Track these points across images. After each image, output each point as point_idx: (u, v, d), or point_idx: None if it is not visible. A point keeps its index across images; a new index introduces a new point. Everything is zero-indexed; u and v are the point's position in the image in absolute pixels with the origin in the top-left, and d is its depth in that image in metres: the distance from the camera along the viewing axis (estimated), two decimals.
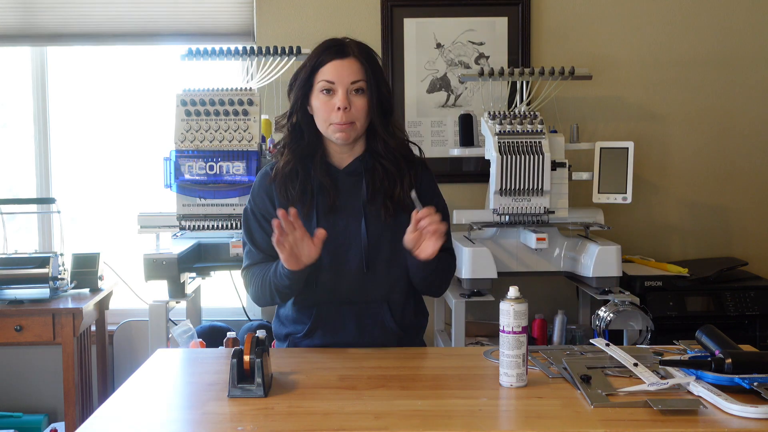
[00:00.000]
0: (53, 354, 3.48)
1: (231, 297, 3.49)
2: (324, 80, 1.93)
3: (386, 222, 1.97)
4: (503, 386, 1.64)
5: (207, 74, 3.30)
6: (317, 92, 1.95)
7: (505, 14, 3.43)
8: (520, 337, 1.63)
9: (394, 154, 2.00)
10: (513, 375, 1.63)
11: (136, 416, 1.53)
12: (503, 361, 1.64)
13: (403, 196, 1.98)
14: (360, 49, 1.97)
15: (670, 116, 3.50)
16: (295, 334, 2.04)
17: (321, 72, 1.94)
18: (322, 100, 1.94)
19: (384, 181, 1.99)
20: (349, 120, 1.93)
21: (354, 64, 1.94)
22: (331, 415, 1.50)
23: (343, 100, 1.92)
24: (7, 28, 3.49)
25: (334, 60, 1.93)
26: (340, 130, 1.94)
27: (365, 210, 1.98)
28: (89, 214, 3.74)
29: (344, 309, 1.99)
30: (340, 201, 1.99)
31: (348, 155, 2.03)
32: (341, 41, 1.98)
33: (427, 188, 2.04)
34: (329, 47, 1.96)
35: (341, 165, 2.03)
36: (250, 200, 2.06)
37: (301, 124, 2.00)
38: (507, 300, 1.65)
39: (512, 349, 1.63)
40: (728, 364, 1.59)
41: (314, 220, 1.97)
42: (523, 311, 1.64)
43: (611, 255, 2.80)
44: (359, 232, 1.98)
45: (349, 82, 1.93)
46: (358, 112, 1.94)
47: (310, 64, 1.96)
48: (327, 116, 1.94)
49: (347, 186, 2.01)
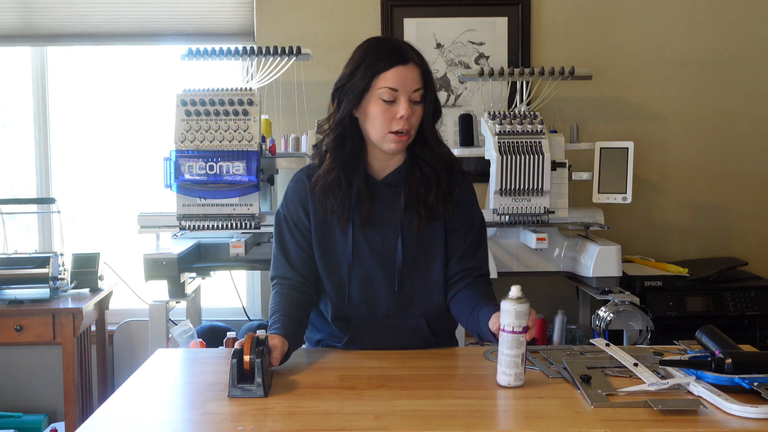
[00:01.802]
0: (53, 354, 3.48)
1: (231, 297, 3.49)
2: (387, 87, 1.82)
3: (418, 230, 1.91)
4: (500, 384, 1.64)
5: (207, 74, 3.30)
6: (376, 98, 1.83)
7: (505, 14, 3.43)
8: (520, 337, 1.61)
9: (439, 161, 1.92)
10: (511, 374, 1.62)
11: (136, 416, 1.53)
12: (501, 360, 1.63)
13: (436, 203, 1.91)
14: (417, 53, 1.87)
15: (670, 116, 3.50)
16: (328, 340, 1.99)
17: (382, 78, 1.82)
18: (383, 107, 1.83)
19: (420, 187, 1.91)
20: (408, 128, 1.84)
21: (415, 70, 1.84)
22: (331, 415, 1.50)
23: (406, 108, 1.82)
24: (7, 28, 3.49)
25: (397, 66, 1.82)
26: (398, 140, 1.85)
27: (402, 226, 1.92)
28: (89, 214, 3.74)
29: (383, 323, 1.94)
30: (376, 213, 1.91)
31: (389, 164, 1.94)
32: (400, 45, 1.87)
33: (465, 199, 1.97)
34: (391, 52, 1.84)
35: (380, 175, 1.94)
36: (284, 205, 1.98)
37: (347, 131, 1.89)
38: (509, 299, 1.63)
39: (512, 349, 1.61)
40: (728, 364, 1.59)
41: (350, 234, 1.90)
42: (524, 311, 1.61)
43: (611, 255, 2.80)
44: (396, 247, 1.91)
45: (411, 90, 1.83)
46: (417, 120, 1.86)
47: (371, 69, 1.83)
48: (386, 124, 1.83)
49: (385, 197, 1.93)
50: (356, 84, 1.85)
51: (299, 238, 1.94)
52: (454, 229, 1.95)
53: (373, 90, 1.83)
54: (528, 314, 1.62)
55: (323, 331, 2.01)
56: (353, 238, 1.90)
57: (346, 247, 1.91)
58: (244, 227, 2.91)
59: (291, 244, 1.95)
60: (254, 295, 3.61)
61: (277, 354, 1.71)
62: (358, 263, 1.90)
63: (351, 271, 1.91)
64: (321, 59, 3.35)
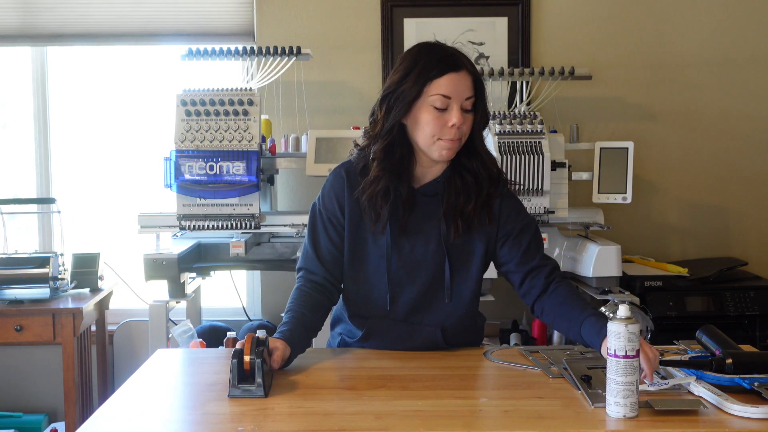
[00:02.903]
0: (53, 354, 3.48)
1: (231, 297, 3.49)
2: (440, 94, 1.78)
3: (454, 240, 1.89)
4: (611, 417, 1.47)
5: (207, 74, 3.31)
6: (428, 105, 1.79)
7: (505, 14, 3.43)
8: (634, 362, 1.45)
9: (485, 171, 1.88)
10: (626, 404, 1.46)
11: (136, 416, 1.53)
12: (613, 389, 1.46)
13: (474, 215, 1.88)
14: (469, 61, 1.84)
15: (670, 116, 3.50)
16: (347, 336, 2.00)
17: (435, 85, 1.78)
18: (434, 115, 1.79)
19: (460, 197, 1.87)
20: (459, 137, 1.81)
21: (467, 78, 1.81)
22: (331, 416, 1.50)
23: (459, 117, 1.78)
24: (7, 28, 3.49)
25: (450, 73, 1.79)
26: (449, 148, 1.81)
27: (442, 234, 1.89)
28: (89, 214, 3.74)
29: (399, 326, 1.93)
30: (411, 222, 1.89)
31: (429, 172, 1.90)
32: (452, 52, 1.83)
33: (511, 209, 1.93)
34: (443, 58, 1.81)
35: (419, 182, 1.91)
36: (320, 199, 1.96)
37: (397, 137, 1.85)
38: (618, 320, 1.47)
39: (626, 376, 1.45)
40: (729, 364, 1.59)
41: (385, 242, 1.89)
42: (636, 332, 1.46)
43: (611, 255, 2.80)
44: (425, 257, 1.90)
45: (464, 98, 1.80)
46: (467, 129, 1.83)
47: (422, 75, 1.79)
48: (437, 131, 1.80)
49: (422, 206, 1.90)
50: (407, 91, 1.80)
51: (332, 233, 1.93)
52: (504, 238, 1.91)
53: (425, 97, 1.80)
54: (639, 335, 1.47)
55: (342, 326, 2.02)
56: (388, 245, 1.89)
57: (376, 249, 1.90)
58: (244, 227, 2.91)
59: (323, 238, 1.94)
60: (254, 295, 3.61)
61: (278, 357, 1.71)
62: (386, 267, 1.89)
63: (377, 273, 1.90)
64: (321, 59, 3.35)
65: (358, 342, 1.96)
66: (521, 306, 3.37)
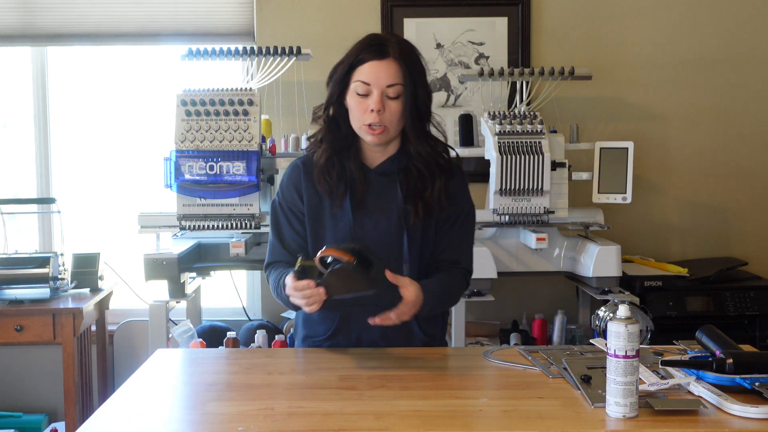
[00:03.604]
0: (53, 354, 3.48)
1: (231, 297, 3.49)
2: (360, 81, 1.87)
3: (414, 224, 1.93)
4: (611, 417, 1.47)
5: (207, 74, 3.30)
6: (352, 91, 1.89)
7: (505, 14, 3.43)
8: (634, 362, 1.46)
9: (425, 158, 1.95)
10: (626, 404, 1.46)
11: (136, 416, 1.53)
12: (613, 389, 1.47)
13: (432, 201, 1.93)
14: (401, 49, 1.89)
15: (670, 116, 3.50)
16: (315, 337, 2.01)
17: (358, 71, 1.88)
18: (357, 100, 1.88)
19: (417, 182, 1.93)
20: (382, 123, 1.87)
21: (392, 65, 1.86)
22: (331, 416, 1.50)
23: (377, 102, 1.85)
24: (7, 28, 3.49)
25: (373, 60, 1.86)
26: (371, 133, 1.88)
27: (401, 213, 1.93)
28: (89, 214, 3.74)
29: (369, 310, 1.92)
30: (369, 200, 1.94)
31: (381, 155, 1.97)
32: (383, 39, 1.90)
33: (457, 192, 1.99)
34: (369, 45, 1.89)
35: (373, 164, 1.97)
36: (279, 193, 2.01)
37: (337, 117, 1.94)
38: (618, 320, 1.48)
39: (626, 376, 1.46)
40: (729, 364, 1.59)
41: (349, 214, 1.92)
42: (636, 332, 1.47)
43: (611, 255, 2.80)
44: (387, 234, 1.93)
45: (385, 85, 1.86)
46: (392, 116, 1.87)
47: (348, 60, 1.89)
48: (360, 116, 1.88)
49: (378, 186, 1.95)
50: (339, 75, 1.91)
51: (295, 223, 1.98)
52: (442, 221, 1.98)
53: (351, 83, 1.89)
54: (639, 336, 1.49)
55: (310, 328, 2.03)
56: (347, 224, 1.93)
57: (336, 231, 1.94)
58: (244, 227, 2.91)
59: (287, 230, 1.99)
60: (254, 295, 3.60)
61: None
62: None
63: None
64: (321, 59, 3.34)
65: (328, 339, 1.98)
66: (521, 306, 3.37)
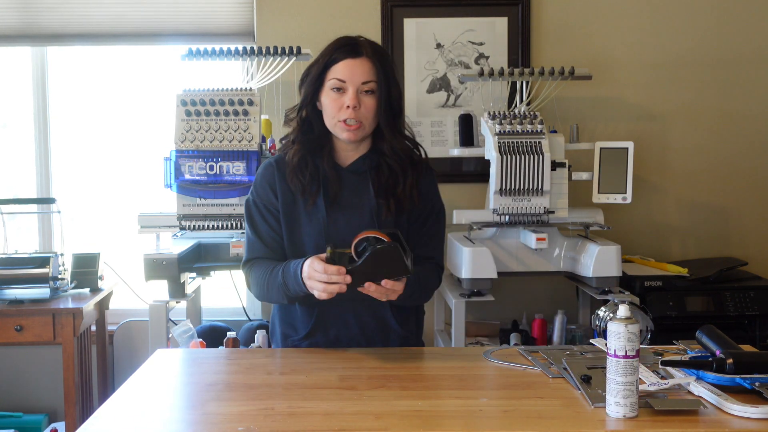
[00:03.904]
0: (53, 354, 3.48)
1: (231, 297, 3.49)
2: (335, 78, 1.94)
3: (386, 219, 1.98)
4: (611, 417, 1.47)
5: (207, 74, 3.30)
6: (327, 89, 1.95)
7: (505, 14, 3.43)
8: (634, 362, 1.47)
9: (399, 155, 2.01)
10: (626, 404, 1.46)
11: (136, 416, 1.53)
12: (613, 389, 1.47)
13: (404, 196, 1.99)
14: (373, 48, 1.97)
15: (670, 116, 3.49)
16: (294, 336, 2.03)
17: (333, 70, 1.95)
18: (332, 98, 1.95)
19: (389, 179, 2.00)
20: (358, 119, 1.94)
21: (366, 63, 1.94)
22: (331, 416, 1.50)
23: (353, 99, 1.92)
24: (7, 28, 3.49)
25: (347, 59, 1.94)
26: (347, 129, 1.95)
27: (373, 209, 1.99)
28: (89, 214, 3.74)
29: (347, 306, 1.99)
30: (343, 198, 2.00)
31: (353, 153, 2.03)
32: (355, 40, 1.98)
33: (427, 190, 2.06)
34: (343, 45, 1.96)
35: (345, 163, 2.04)
36: (253, 192, 2.06)
37: (310, 118, 2.01)
38: (618, 320, 1.48)
39: (626, 376, 1.46)
40: (729, 364, 1.59)
41: (323, 211, 1.97)
42: (636, 332, 1.47)
43: (611, 255, 2.80)
44: (360, 229, 1.95)
45: (360, 82, 1.93)
46: (367, 112, 1.95)
47: (323, 60, 1.96)
48: (336, 113, 1.94)
49: (351, 184, 2.01)
50: (313, 75, 1.98)
51: (271, 220, 2.02)
52: (413, 219, 2.03)
53: (326, 81, 1.96)
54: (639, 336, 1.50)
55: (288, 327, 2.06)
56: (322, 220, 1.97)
57: (311, 229, 1.98)
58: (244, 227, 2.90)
59: (263, 226, 2.03)
60: None
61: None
62: (324, 242, 1.94)
63: (317, 251, 1.93)
64: None
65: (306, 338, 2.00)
66: (521, 306, 3.37)
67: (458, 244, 2.88)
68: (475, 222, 2.95)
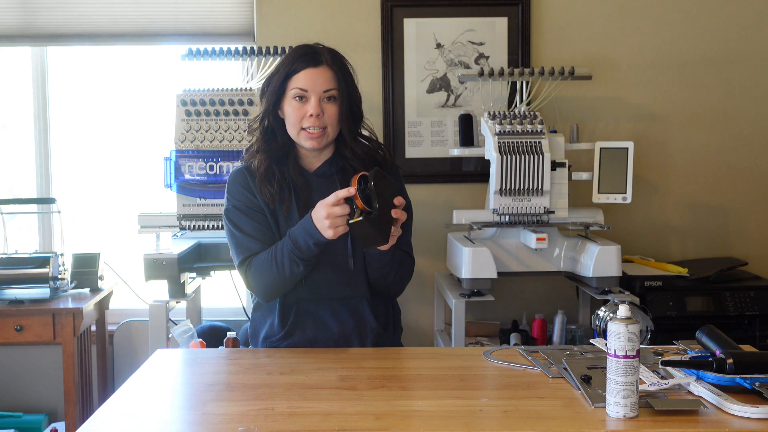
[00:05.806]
0: (53, 354, 3.48)
1: (231, 297, 3.49)
2: (297, 88, 1.99)
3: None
4: (611, 417, 1.48)
5: (207, 74, 3.30)
6: (290, 98, 2.00)
7: (505, 14, 3.43)
8: (634, 362, 1.47)
9: (362, 158, 2.06)
10: (626, 404, 1.47)
11: (136, 416, 1.53)
12: (614, 389, 1.48)
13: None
14: (333, 57, 2.03)
15: (670, 116, 3.49)
16: (272, 337, 2.06)
17: (294, 79, 1.99)
18: (295, 107, 1.99)
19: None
20: (321, 126, 1.98)
21: (327, 72, 1.99)
22: (331, 416, 1.50)
23: (315, 107, 1.97)
24: (7, 28, 3.49)
25: (308, 68, 1.99)
26: (311, 137, 2.00)
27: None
28: (89, 214, 3.74)
29: (325, 305, 2.02)
30: (314, 201, 1.99)
31: (317, 159, 2.09)
32: (314, 48, 2.03)
33: None
34: (303, 54, 2.01)
35: (311, 168, 2.09)
36: (230, 199, 2.08)
37: (273, 127, 2.06)
38: (618, 320, 1.49)
39: (626, 376, 1.47)
40: (730, 364, 1.59)
41: (296, 213, 2.01)
42: (636, 332, 1.48)
43: (611, 255, 2.80)
44: None
45: (321, 91, 1.98)
46: (330, 118, 2.00)
47: (284, 70, 2.01)
48: (298, 122, 1.99)
49: (319, 187, 2.04)
50: (274, 86, 2.03)
51: (258, 217, 2.04)
52: None
53: (288, 91, 2.01)
54: (639, 336, 1.50)
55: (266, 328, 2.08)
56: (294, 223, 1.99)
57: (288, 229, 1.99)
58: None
59: (251, 225, 2.04)
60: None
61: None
62: None
63: None
64: None
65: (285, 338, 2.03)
66: (521, 306, 3.37)
67: (458, 244, 2.88)
68: (475, 222, 2.95)
